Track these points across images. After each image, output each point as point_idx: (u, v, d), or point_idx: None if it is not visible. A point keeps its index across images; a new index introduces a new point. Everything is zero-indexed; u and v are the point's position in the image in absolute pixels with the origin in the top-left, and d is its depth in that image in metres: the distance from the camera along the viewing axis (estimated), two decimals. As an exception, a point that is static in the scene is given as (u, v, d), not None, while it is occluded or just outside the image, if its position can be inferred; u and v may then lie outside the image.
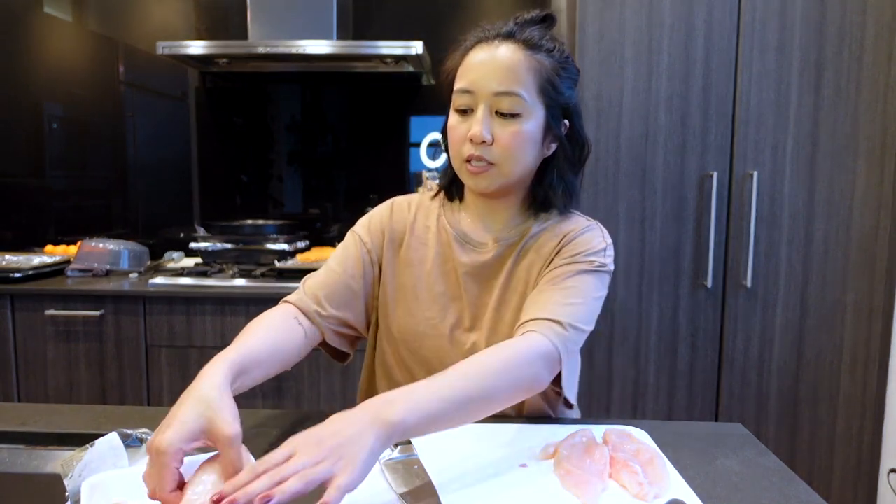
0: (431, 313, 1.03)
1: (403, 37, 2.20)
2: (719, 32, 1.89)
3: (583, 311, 0.92)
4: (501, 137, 0.94)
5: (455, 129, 0.97)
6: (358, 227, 1.09)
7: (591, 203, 1.94)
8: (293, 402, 2.05)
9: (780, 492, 0.79)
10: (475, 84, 0.94)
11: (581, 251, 0.97)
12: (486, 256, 1.02)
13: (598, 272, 0.97)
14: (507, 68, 0.93)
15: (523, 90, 0.94)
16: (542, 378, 0.85)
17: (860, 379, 1.97)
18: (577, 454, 0.82)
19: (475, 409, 0.77)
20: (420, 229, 1.07)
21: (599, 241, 1.00)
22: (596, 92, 1.92)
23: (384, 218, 1.09)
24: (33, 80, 2.61)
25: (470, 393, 0.76)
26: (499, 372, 0.80)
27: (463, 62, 0.97)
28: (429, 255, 1.06)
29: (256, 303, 2.02)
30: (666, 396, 2.01)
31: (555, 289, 0.93)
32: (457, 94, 0.97)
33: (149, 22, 2.57)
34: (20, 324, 2.06)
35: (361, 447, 0.64)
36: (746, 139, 1.91)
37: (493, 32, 0.97)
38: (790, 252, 1.94)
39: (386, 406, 0.69)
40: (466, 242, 1.04)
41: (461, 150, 0.97)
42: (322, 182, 2.67)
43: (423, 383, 0.75)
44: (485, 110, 0.94)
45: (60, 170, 2.67)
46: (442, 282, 1.04)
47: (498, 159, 0.95)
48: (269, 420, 1.01)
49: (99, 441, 0.73)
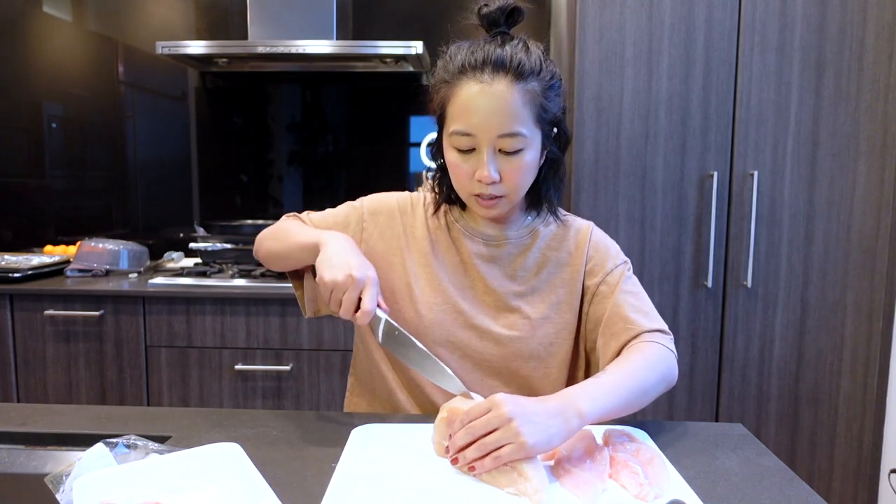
0: (447, 301, 1.05)
1: (403, 37, 2.20)
2: (719, 32, 1.89)
3: (654, 309, 1.07)
4: (508, 174, 0.96)
5: (459, 167, 0.98)
6: (364, 208, 1.11)
7: (591, 203, 1.94)
8: (293, 402, 2.05)
9: (781, 492, 0.79)
10: (476, 128, 0.94)
11: (612, 255, 1.09)
12: (501, 250, 1.07)
13: (630, 267, 1.10)
14: (506, 111, 0.93)
15: (524, 127, 0.94)
16: (675, 373, 0.99)
17: (861, 379, 1.97)
18: (576, 454, 0.82)
19: (636, 401, 0.90)
20: (429, 225, 1.09)
21: (610, 239, 1.12)
22: (596, 92, 1.91)
23: (392, 210, 1.11)
24: (33, 80, 2.61)
25: (633, 388, 0.90)
26: (649, 370, 0.94)
27: (455, 97, 0.95)
28: (440, 248, 1.08)
29: (256, 303, 2.01)
30: (666, 396, 2.01)
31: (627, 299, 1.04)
32: (455, 136, 0.96)
33: (148, 22, 2.57)
34: (20, 324, 2.05)
35: (558, 426, 0.79)
36: (747, 139, 1.91)
37: (480, 59, 0.94)
38: (790, 252, 1.94)
39: (576, 400, 0.82)
40: (477, 236, 1.08)
41: (468, 186, 0.99)
42: (322, 182, 2.66)
43: (597, 381, 0.89)
44: (489, 152, 0.95)
45: (60, 170, 2.67)
46: (458, 271, 1.07)
47: (507, 192, 0.98)
48: (269, 420, 1.00)
49: (86, 454, 0.73)
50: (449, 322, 1.04)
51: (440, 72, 0.99)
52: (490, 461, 0.75)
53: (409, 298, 1.06)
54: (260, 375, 2.04)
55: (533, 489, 0.73)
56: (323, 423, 1.00)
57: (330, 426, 0.98)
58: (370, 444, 0.89)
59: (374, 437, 0.91)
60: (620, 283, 1.05)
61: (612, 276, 1.06)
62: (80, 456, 0.72)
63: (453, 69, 0.96)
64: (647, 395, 0.92)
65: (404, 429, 0.94)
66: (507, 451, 0.75)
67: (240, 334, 2.03)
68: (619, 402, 0.87)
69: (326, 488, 0.76)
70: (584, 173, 1.93)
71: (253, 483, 0.72)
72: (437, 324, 1.04)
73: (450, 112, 0.97)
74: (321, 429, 0.97)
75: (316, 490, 0.76)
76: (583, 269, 1.07)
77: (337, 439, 0.91)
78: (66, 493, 0.69)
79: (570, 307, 1.07)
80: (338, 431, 0.94)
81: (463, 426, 0.78)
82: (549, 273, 1.07)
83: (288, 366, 2.02)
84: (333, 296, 0.89)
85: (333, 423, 0.99)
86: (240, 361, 2.03)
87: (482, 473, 0.79)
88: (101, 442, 0.75)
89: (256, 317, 2.02)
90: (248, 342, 2.03)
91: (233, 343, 2.03)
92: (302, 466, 0.84)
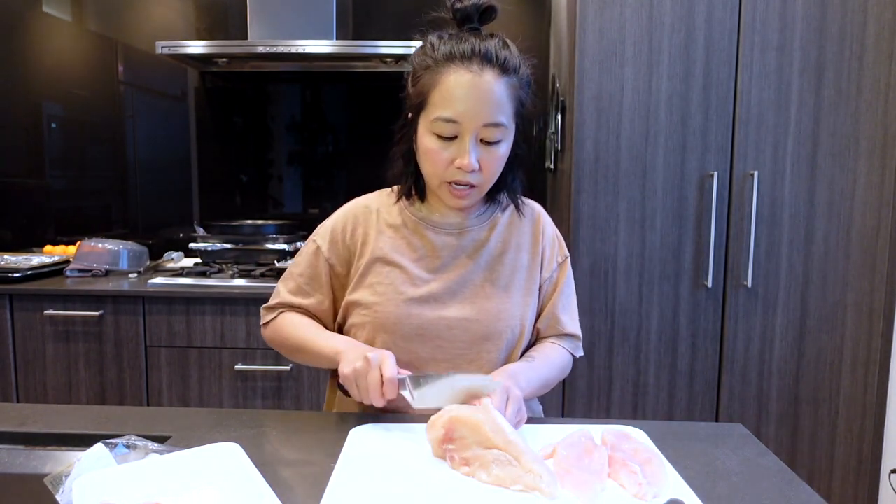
0: (413, 292, 1.05)
1: (403, 37, 2.20)
2: (719, 32, 1.89)
3: (576, 309, 1.18)
4: (487, 163, 1.00)
5: (437, 154, 0.99)
6: (318, 239, 1.12)
7: (591, 203, 1.94)
8: (293, 402, 2.05)
9: (781, 492, 0.79)
10: (462, 116, 0.96)
11: (557, 250, 1.16)
12: (464, 238, 1.10)
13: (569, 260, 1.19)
14: (493, 100, 0.96)
15: (506, 118, 0.98)
16: (567, 372, 1.16)
17: (861, 379, 1.97)
18: (575, 454, 0.82)
19: (542, 391, 1.09)
20: (387, 224, 1.10)
21: (556, 229, 1.19)
22: (596, 92, 1.91)
23: (346, 225, 1.11)
24: (32, 80, 2.61)
25: (547, 380, 1.09)
26: (557, 371, 1.11)
27: (440, 84, 0.97)
28: (402, 243, 1.09)
29: (256, 303, 2.01)
30: (666, 396, 2.01)
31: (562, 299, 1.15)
32: (439, 122, 0.97)
33: (148, 22, 2.57)
34: (19, 324, 2.05)
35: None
36: (747, 139, 1.91)
37: (469, 50, 0.96)
38: (791, 252, 1.94)
39: (518, 379, 0.98)
40: (439, 227, 1.09)
41: (443, 172, 1.00)
42: (322, 182, 2.66)
43: (528, 365, 1.05)
44: (472, 141, 0.97)
45: (60, 170, 2.67)
46: (421, 263, 1.08)
47: (481, 182, 1.02)
48: (269, 420, 1.00)
49: (86, 454, 0.73)
50: (417, 311, 1.05)
51: (421, 58, 1.01)
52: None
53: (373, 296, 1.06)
54: (260, 375, 2.04)
55: (545, 483, 0.75)
56: (323, 423, 1.00)
57: (329, 426, 0.98)
58: (369, 444, 0.89)
59: (373, 437, 0.91)
60: (563, 282, 1.15)
61: (557, 272, 1.15)
62: (80, 456, 0.72)
63: (439, 57, 0.98)
64: (548, 388, 1.11)
65: (403, 429, 0.94)
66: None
67: (240, 334, 2.03)
68: (538, 389, 1.06)
69: (326, 488, 0.76)
70: (584, 173, 1.93)
71: (253, 483, 0.72)
72: (406, 314, 1.04)
73: (433, 99, 0.98)
74: (321, 429, 0.97)
75: (315, 490, 0.76)
76: (539, 258, 1.13)
77: (336, 439, 0.91)
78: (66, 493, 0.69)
79: (529, 291, 1.11)
80: (337, 431, 0.94)
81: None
82: (510, 258, 1.10)
83: (288, 366, 2.02)
84: (360, 385, 0.91)
85: (333, 423, 0.99)
86: (240, 361, 2.03)
87: (481, 473, 0.79)
88: (100, 442, 0.75)
89: (256, 317, 2.01)
90: (248, 342, 2.03)
91: (233, 343, 2.03)
92: (302, 466, 0.84)
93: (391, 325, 1.04)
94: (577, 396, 2.01)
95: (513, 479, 0.77)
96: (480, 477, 0.79)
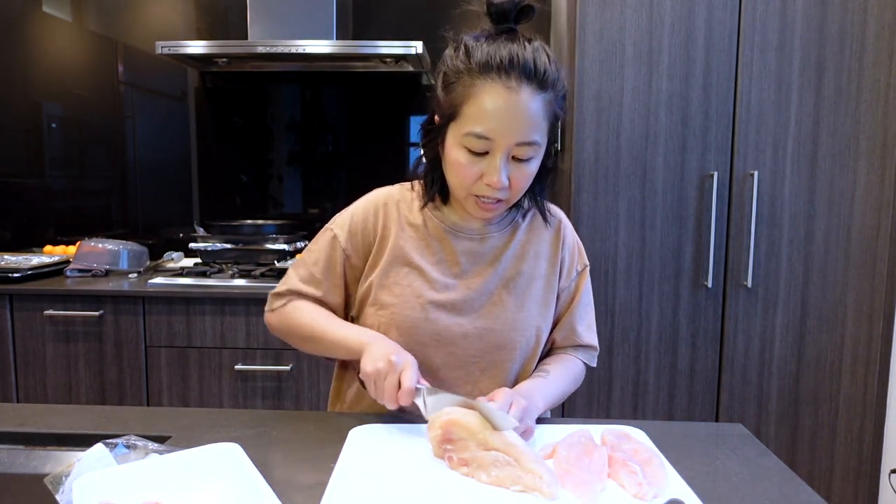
0: (432, 297, 1.03)
1: (403, 37, 2.20)
2: (719, 32, 1.89)
3: (594, 321, 1.17)
4: (516, 180, 0.96)
5: (466, 168, 0.95)
6: (336, 228, 1.10)
7: (591, 203, 1.94)
8: (293, 402, 2.05)
9: (781, 492, 0.79)
10: (496, 133, 0.91)
11: (577, 259, 1.15)
12: (484, 245, 1.07)
13: (588, 269, 1.18)
14: (528, 119, 0.91)
15: (540, 136, 0.94)
16: (580, 382, 1.15)
17: (861, 379, 1.97)
18: (575, 454, 0.82)
19: (559, 402, 1.09)
20: (408, 221, 1.08)
21: (577, 237, 1.18)
22: (596, 92, 1.91)
23: (367, 216, 1.09)
24: (32, 80, 2.61)
25: (566, 391, 1.09)
26: (573, 383, 1.12)
27: (476, 97, 0.91)
28: (422, 245, 1.07)
29: (256, 303, 2.01)
30: (666, 396, 2.01)
31: (581, 309, 1.14)
32: (471, 138, 0.92)
33: (148, 22, 2.57)
34: (19, 324, 2.05)
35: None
36: (747, 139, 1.91)
37: (507, 60, 0.90)
38: (791, 252, 1.94)
39: (534, 398, 0.98)
40: (460, 232, 1.07)
41: (471, 186, 0.97)
42: (322, 182, 2.66)
43: (544, 382, 1.05)
44: (504, 158, 0.93)
45: (60, 170, 2.67)
46: (441, 268, 1.06)
47: (509, 197, 0.99)
48: (269, 420, 1.00)
49: (85, 454, 0.73)
50: (434, 316, 1.03)
51: (455, 62, 0.95)
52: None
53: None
54: (260, 375, 2.04)
55: (546, 484, 0.75)
56: (322, 423, 1.00)
57: (329, 426, 0.98)
58: (369, 444, 0.89)
59: (374, 437, 0.91)
60: (581, 291, 1.14)
61: (575, 281, 1.14)
62: (80, 456, 0.72)
63: (475, 66, 0.92)
64: (562, 400, 1.11)
65: (403, 429, 0.94)
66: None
67: (240, 334, 2.03)
68: (553, 403, 1.05)
69: (326, 488, 0.76)
70: (584, 173, 1.93)
71: (253, 483, 0.72)
72: (424, 318, 1.03)
73: (466, 111, 0.92)
74: (321, 429, 0.97)
75: (316, 490, 0.76)
76: (558, 267, 1.11)
77: (336, 439, 0.91)
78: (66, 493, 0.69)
79: (546, 301, 1.09)
80: (337, 431, 0.94)
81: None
82: (529, 266, 1.08)
83: (288, 366, 2.02)
84: (377, 385, 0.91)
85: (333, 423, 0.99)
86: (240, 361, 2.03)
87: (481, 474, 0.79)
88: (100, 442, 0.75)
89: (256, 317, 2.02)
90: (248, 342, 2.03)
91: (233, 343, 2.03)
92: (302, 466, 0.84)
93: (407, 328, 1.02)
94: (577, 396, 2.01)
95: (512, 479, 0.77)
96: (480, 477, 0.79)
